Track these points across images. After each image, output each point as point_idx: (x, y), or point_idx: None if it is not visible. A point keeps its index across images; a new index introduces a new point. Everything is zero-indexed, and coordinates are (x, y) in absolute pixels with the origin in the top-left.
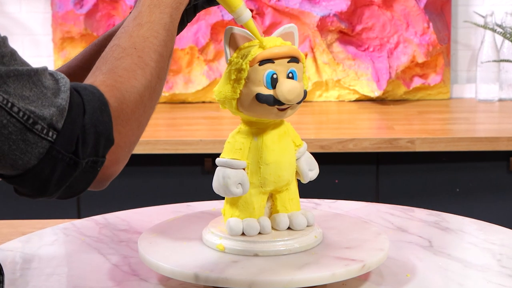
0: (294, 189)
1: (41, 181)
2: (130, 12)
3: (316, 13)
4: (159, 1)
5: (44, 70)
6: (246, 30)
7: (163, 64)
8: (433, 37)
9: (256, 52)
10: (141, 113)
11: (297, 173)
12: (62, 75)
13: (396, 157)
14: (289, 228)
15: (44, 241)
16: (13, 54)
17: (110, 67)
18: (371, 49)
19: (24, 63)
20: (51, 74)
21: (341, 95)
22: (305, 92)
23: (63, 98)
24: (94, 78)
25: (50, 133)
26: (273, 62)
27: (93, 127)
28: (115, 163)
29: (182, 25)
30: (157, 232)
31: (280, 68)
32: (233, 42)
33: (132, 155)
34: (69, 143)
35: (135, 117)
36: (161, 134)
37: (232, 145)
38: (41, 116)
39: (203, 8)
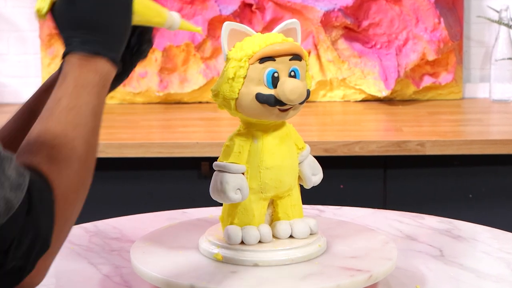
0: (297, 195)
1: None
2: (55, 78)
3: (320, 7)
4: (85, 81)
5: (10, 158)
6: (245, 26)
7: (93, 155)
8: (445, 33)
9: (256, 49)
10: (72, 210)
11: (299, 178)
12: (27, 172)
13: (405, 160)
14: (291, 236)
15: None
16: None
17: (48, 155)
18: (378, 46)
19: None
20: (18, 166)
21: (347, 95)
22: (308, 92)
23: (17, 197)
24: (37, 163)
25: None
26: (274, 60)
27: (33, 228)
28: (42, 271)
29: (120, 79)
30: (151, 241)
31: (282, 66)
32: (231, 38)
33: (125, 158)
34: (3, 241)
35: (68, 216)
36: (155, 137)
37: (230, 148)
38: None
39: (140, 58)
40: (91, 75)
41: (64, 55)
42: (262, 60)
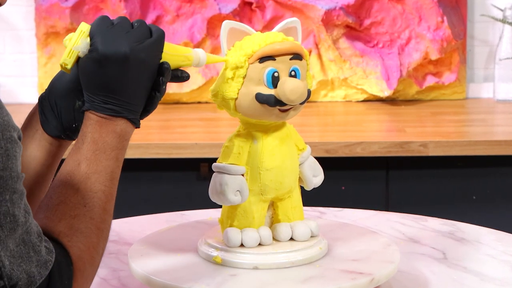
0: (297, 196)
1: None
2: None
3: (321, 6)
4: (105, 145)
5: (41, 232)
6: (245, 25)
7: (108, 223)
8: (448, 32)
9: (256, 48)
10: (88, 283)
11: (300, 179)
12: (54, 247)
13: (407, 162)
14: (291, 239)
15: None
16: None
17: (69, 224)
18: (380, 45)
19: (28, 211)
20: (47, 241)
21: (348, 95)
22: (309, 92)
23: (41, 274)
24: (58, 233)
25: None
26: (274, 59)
27: None
28: None
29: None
30: (149, 243)
31: (282, 66)
32: (231, 38)
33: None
34: None
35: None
36: (153, 137)
37: (230, 149)
38: (9, 275)
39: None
40: (110, 137)
41: (85, 110)
42: (262, 59)
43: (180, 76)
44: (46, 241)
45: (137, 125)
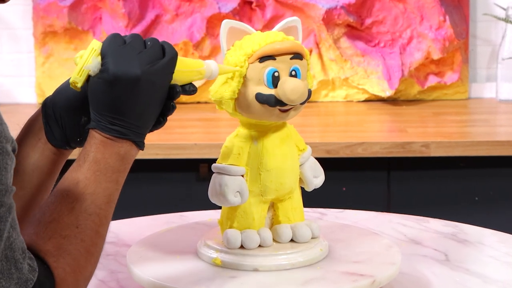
0: (298, 197)
1: None
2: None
3: (322, 5)
4: (107, 166)
5: (25, 249)
6: (245, 24)
7: (100, 246)
8: (450, 31)
9: (256, 48)
10: None
11: (300, 180)
12: (37, 266)
13: (409, 162)
14: (292, 240)
15: None
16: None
17: (58, 244)
18: (382, 44)
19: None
20: (31, 258)
21: (349, 95)
22: (310, 92)
23: None
24: (45, 252)
25: None
26: (275, 59)
27: None
28: None
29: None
30: (148, 245)
31: (282, 66)
32: (230, 37)
33: None
34: None
35: None
36: (152, 138)
37: (229, 150)
38: None
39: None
40: (113, 159)
41: (91, 128)
42: (262, 59)
43: (188, 90)
44: (31, 259)
45: (141, 148)
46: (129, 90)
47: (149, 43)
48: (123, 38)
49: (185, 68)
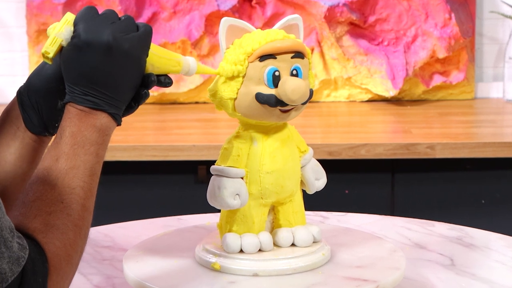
0: (299, 200)
1: None
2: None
3: (324, 2)
4: (84, 139)
5: (13, 228)
6: (245, 22)
7: (88, 220)
8: (456, 29)
9: (256, 47)
10: (64, 281)
11: (302, 182)
12: (27, 244)
13: (413, 164)
14: (293, 244)
15: None
16: None
17: (45, 221)
18: (385, 43)
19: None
20: (20, 237)
21: (352, 95)
22: (311, 92)
23: (13, 271)
24: (32, 229)
25: None
26: (275, 58)
27: None
28: None
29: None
30: (145, 249)
31: (283, 65)
32: (230, 35)
33: (117, 162)
34: None
35: (61, 285)
36: (149, 139)
37: (229, 151)
38: None
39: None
40: (89, 131)
41: (65, 103)
42: (262, 58)
43: (163, 82)
44: (19, 237)
45: (118, 122)
46: (101, 58)
47: (123, 17)
48: (97, 11)
49: (162, 54)
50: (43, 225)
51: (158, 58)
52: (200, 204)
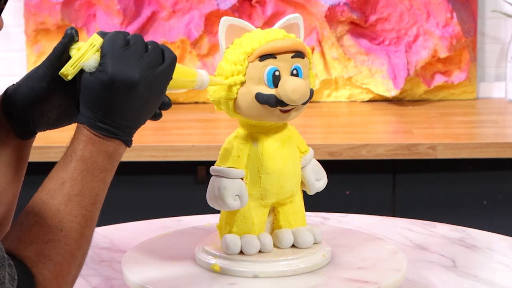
0: (299, 201)
1: None
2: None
3: (325, 1)
4: (94, 165)
5: (4, 258)
6: (244, 21)
7: (85, 249)
8: (457, 28)
9: (256, 46)
10: None
11: (302, 183)
12: (18, 273)
13: (415, 165)
14: (293, 245)
15: None
16: None
17: (38, 250)
18: (386, 42)
19: None
20: (11, 266)
21: (353, 95)
22: (312, 92)
23: None
24: (26, 256)
25: None
26: (275, 58)
27: None
28: None
29: None
30: (144, 251)
31: (283, 64)
32: (229, 35)
33: None
34: None
35: None
36: (148, 139)
37: (228, 152)
38: None
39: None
40: (101, 158)
41: (79, 122)
42: (262, 57)
43: (167, 103)
44: (10, 266)
45: (129, 146)
46: (126, 94)
47: (150, 46)
48: (126, 38)
49: (180, 77)
50: (36, 254)
51: (175, 81)
52: (199, 205)
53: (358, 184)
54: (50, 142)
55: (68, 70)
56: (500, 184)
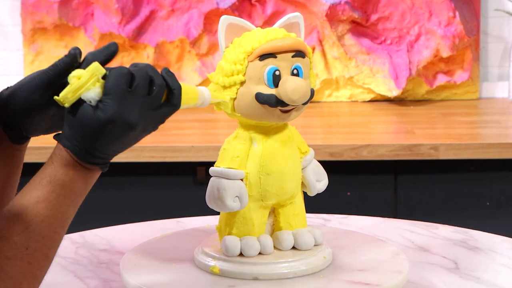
0: (300, 202)
1: None
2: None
3: (325, 0)
4: (72, 191)
5: None
6: (244, 20)
7: (46, 269)
8: (460, 28)
9: (256, 45)
10: None
11: (303, 184)
12: None
13: (417, 165)
14: (293, 247)
15: None
16: None
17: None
18: (388, 41)
19: None
20: None
21: (354, 95)
22: (312, 91)
23: None
24: None
25: None
26: (276, 57)
27: None
28: None
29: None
30: (143, 253)
31: (284, 64)
32: (229, 34)
33: (114, 163)
34: None
35: None
36: (147, 140)
37: (228, 152)
38: None
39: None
40: (79, 184)
41: (64, 146)
42: (263, 57)
43: None
44: None
45: (105, 170)
46: (121, 134)
47: (154, 88)
48: (130, 76)
49: (182, 103)
50: None
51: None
52: (199, 206)
53: (359, 185)
54: (47, 142)
55: (66, 99)
56: (503, 185)
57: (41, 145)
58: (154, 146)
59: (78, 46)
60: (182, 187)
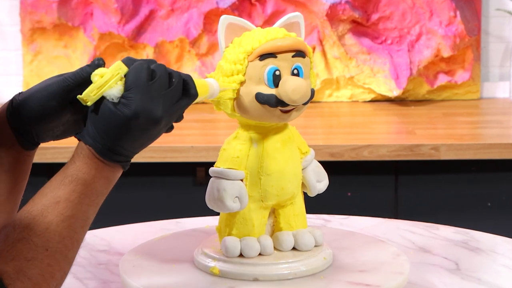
0: (300, 203)
1: None
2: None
3: (326, 0)
4: (93, 190)
5: None
6: (244, 20)
7: (66, 271)
8: (461, 27)
9: (256, 45)
10: None
11: (303, 185)
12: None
13: (417, 166)
14: (294, 248)
15: None
16: None
17: (19, 267)
18: (389, 41)
19: None
20: None
21: (354, 95)
22: (313, 91)
23: None
24: (4, 272)
25: None
26: (276, 57)
27: None
28: None
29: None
30: (142, 254)
31: (284, 64)
32: (229, 34)
33: None
34: None
35: None
36: None
37: (228, 153)
38: None
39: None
40: (101, 183)
41: (86, 143)
42: (263, 57)
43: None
44: None
45: (126, 169)
46: (145, 129)
47: (174, 80)
48: (150, 70)
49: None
50: (15, 271)
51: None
52: (198, 207)
53: (360, 185)
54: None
55: (89, 97)
56: (504, 186)
57: (40, 146)
58: (154, 146)
59: (77, 45)
60: (182, 188)
